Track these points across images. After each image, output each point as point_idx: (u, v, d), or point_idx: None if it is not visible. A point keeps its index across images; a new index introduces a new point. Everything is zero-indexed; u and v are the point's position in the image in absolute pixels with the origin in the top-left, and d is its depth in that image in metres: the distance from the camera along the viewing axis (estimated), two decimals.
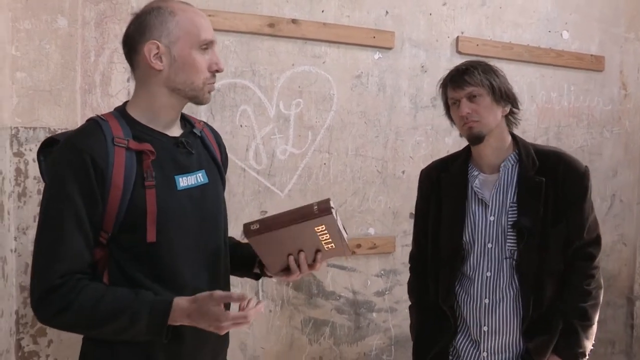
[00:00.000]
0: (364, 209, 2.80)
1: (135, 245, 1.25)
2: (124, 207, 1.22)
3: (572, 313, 1.69)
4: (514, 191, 1.70)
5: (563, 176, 1.68)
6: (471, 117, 1.67)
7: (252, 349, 2.61)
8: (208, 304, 1.20)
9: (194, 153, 1.36)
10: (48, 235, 1.21)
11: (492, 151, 1.74)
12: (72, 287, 1.19)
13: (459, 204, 1.77)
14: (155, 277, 1.27)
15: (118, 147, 1.23)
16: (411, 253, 2.01)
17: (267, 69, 2.56)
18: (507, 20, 3.05)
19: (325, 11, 2.64)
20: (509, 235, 1.69)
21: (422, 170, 1.96)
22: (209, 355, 1.39)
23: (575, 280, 1.70)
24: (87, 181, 1.20)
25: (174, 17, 1.28)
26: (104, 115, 1.31)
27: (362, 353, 2.87)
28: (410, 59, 2.84)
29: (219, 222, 1.41)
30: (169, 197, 1.28)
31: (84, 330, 1.28)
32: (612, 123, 3.40)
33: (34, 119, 2.13)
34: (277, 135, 2.60)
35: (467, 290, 1.75)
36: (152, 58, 1.27)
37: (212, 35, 1.32)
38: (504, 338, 1.72)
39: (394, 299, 2.91)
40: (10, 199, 2.10)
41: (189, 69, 1.28)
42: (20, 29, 2.10)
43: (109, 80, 2.31)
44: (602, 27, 3.32)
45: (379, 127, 2.80)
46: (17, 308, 2.14)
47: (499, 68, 1.75)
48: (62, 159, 1.23)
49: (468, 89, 1.68)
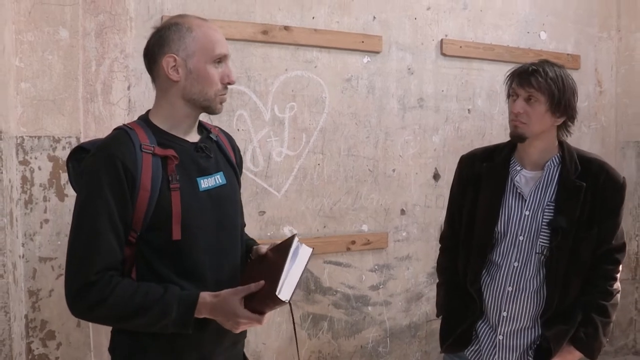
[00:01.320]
0: (357, 206, 2.90)
1: (161, 243, 1.34)
2: (151, 208, 1.32)
3: (594, 308, 1.74)
4: (553, 191, 1.74)
5: (603, 184, 1.72)
6: (521, 117, 1.70)
7: (253, 345, 2.69)
8: (229, 299, 1.31)
9: (212, 157, 1.46)
10: (83, 235, 1.30)
11: (536, 151, 1.78)
12: (107, 283, 1.28)
13: (497, 194, 1.80)
14: (180, 272, 1.36)
15: (145, 154, 1.33)
16: (442, 234, 2.05)
17: (261, 75, 2.64)
18: (488, 22, 3.18)
19: (315, 18, 2.73)
20: (542, 231, 1.74)
21: (462, 156, 1.98)
22: (229, 342, 1.48)
23: (599, 281, 1.76)
24: (118, 184, 1.29)
25: (191, 33, 1.37)
26: (130, 125, 1.40)
27: (359, 346, 2.96)
28: (398, 62, 2.94)
29: (236, 220, 1.50)
30: (192, 198, 1.37)
31: (116, 322, 1.37)
32: (589, 118, 3.55)
33: (39, 127, 2.18)
34: (272, 138, 2.68)
35: (493, 276, 1.81)
36: (169, 70, 1.37)
37: (226, 49, 1.41)
38: (521, 324, 1.79)
39: (388, 292, 3.01)
40: (17, 206, 2.15)
41: (203, 81, 1.38)
42: (23, 41, 2.16)
43: (109, 88, 2.37)
44: (577, 28, 3.47)
45: (369, 128, 2.90)
46: (27, 312, 2.20)
47: (571, 78, 1.74)
48: (97, 164, 1.32)
49: (529, 90, 1.69)
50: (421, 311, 3.11)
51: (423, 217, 3.07)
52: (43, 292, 2.20)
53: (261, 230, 2.67)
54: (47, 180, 2.19)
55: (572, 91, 1.73)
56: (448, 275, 1.96)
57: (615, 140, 3.64)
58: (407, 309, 3.08)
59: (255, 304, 1.32)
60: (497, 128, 3.20)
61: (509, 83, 1.79)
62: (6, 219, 2.03)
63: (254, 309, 1.32)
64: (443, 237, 2.05)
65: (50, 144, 2.20)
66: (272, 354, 2.76)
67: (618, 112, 3.64)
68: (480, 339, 1.84)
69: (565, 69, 1.75)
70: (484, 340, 1.84)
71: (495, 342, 1.81)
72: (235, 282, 1.43)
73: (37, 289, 2.20)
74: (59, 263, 2.19)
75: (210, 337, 1.41)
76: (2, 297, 2.03)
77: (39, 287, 2.20)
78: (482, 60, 3.15)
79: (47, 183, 2.19)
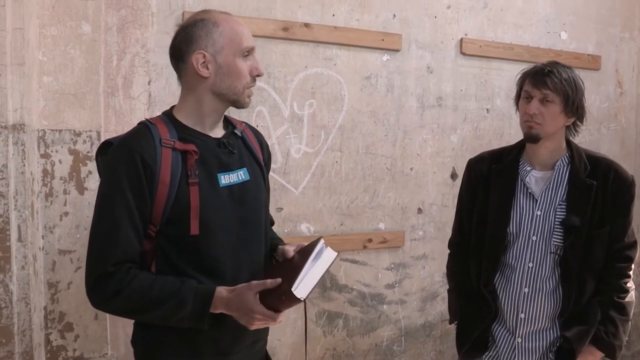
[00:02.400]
0: (374, 205, 2.89)
1: (180, 237, 1.34)
2: (170, 202, 1.32)
3: (611, 306, 1.75)
4: (564, 190, 1.75)
5: (613, 183, 1.73)
6: (536, 118, 1.71)
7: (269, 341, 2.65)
8: (245, 294, 1.30)
9: (235, 152, 1.45)
10: (102, 226, 1.31)
11: (546, 151, 1.79)
12: (125, 275, 1.29)
13: (507, 195, 1.81)
14: (199, 267, 1.36)
15: (165, 148, 1.33)
16: (451, 240, 2.06)
17: (281, 71, 2.64)
18: (508, 22, 3.15)
19: (335, 15, 2.72)
20: (556, 231, 1.74)
21: (470, 160, 1.99)
22: (249, 340, 1.48)
23: (613, 279, 1.77)
24: (137, 178, 1.30)
25: (218, 28, 1.38)
26: (152, 119, 1.41)
27: (373, 344, 2.96)
28: (417, 60, 2.93)
29: (259, 217, 1.49)
30: (211, 193, 1.37)
31: (132, 314, 1.38)
32: (608, 120, 3.51)
33: (60, 121, 2.20)
34: (291, 135, 2.68)
35: (507, 277, 1.81)
36: (199, 66, 1.37)
37: (253, 42, 1.42)
38: (539, 325, 1.78)
39: (403, 291, 3.01)
40: (38, 198, 2.17)
41: (233, 75, 1.38)
42: (47, 35, 2.17)
43: (130, 83, 2.38)
44: (598, 28, 3.43)
45: (387, 126, 2.89)
46: (46, 304, 2.22)
47: (581, 79, 1.77)
48: (116, 158, 1.34)
49: (545, 91, 1.70)
50: (436, 311, 3.09)
51: (440, 217, 3.05)
52: (62, 284, 2.22)
53: (278, 227, 2.65)
54: (67, 173, 2.20)
55: (583, 92, 1.77)
56: (458, 280, 1.97)
57: (635, 142, 3.60)
58: (423, 308, 3.07)
59: (271, 301, 1.31)
60: (515, 128, 3.16)
61: (521, 83, 1.80)
62: (27, 211, 2.05)
63: (269, 305, 1.31)
64: (452, 242, 2.05)
65: (71, 137, 2.21)
66: (286, 351, 2.77)
67: (639, 113, 3.60)
68: (497, 343, 1.84)
69: (574, 70, 1.77)
70: (502, 345, 1.83)
71: (514, 345, 1.80)
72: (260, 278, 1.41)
73: (56, 281, 2.22)
74: (77, 256, 2.21)
75: (229, 334, 1.40)
76: (22, 288, 2.05)
77: (58, 279, 2.22)
78: (501, 59, 3.12)
79: (68, 176, 2.21)
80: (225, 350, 1.42)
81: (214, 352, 1.41)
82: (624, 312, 1.75)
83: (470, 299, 1.89)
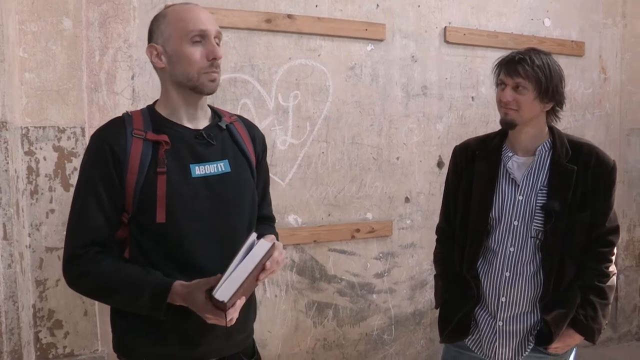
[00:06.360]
0: (361, 194, 2.90)
1: (149, 225, 1.38)
2: (138, 190, 1.37)
3: (591, 290, 1.77)
4: (545, 175, 1.77)
5: (594, 168, 1.74)
6: (510, 105, 1.73)
7: (259, 333, 2.69)
8: (195, 291, 1.30)
9: (215, 144, 1.45)
10: (73, 213, 1.38)
11: (527, 137, 1.80)
12: (91, 258, 1.35)
13: (490, 181, 1.83)
14: (167, 255, 1.39)
15: (136, 138, 1.38)
16: (438, 225, 2.07)
17: (265, 63, 2.63)
18: (492, 9, 3.16)
19: (319, 6, 2.72)
20: (536, 215, 1.76)
21: (455, 147, 2.00)
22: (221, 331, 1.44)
23: (594, 264, 1.78)
24: (105, 167, 1.36)
25: (165, 18, 1.40)
26: (132, 112, 1.44)
27: (364, 333, 2.98)
28: (401, 50, 2.94)
29: (239, 209, 1.48)
30: (181, 183, 1.39)
31: (98, 296, 1.43)
32: (593, 106, 3.54)
33: (43, 118, 2.19)
34: (276, 127, 2.68)
35: (490, 262, 1.83)
36: (154, 59, 1.41)
37: (203, 25, 1.38)
38: (520, 309, 1.80)
39: (392, 280, 3.02)
40: (23, 196, 2.16)
41: (184, 62, 1.38)
42: (27, 31, 2.15)
43: (113, 78, 2.37)
44: (581, 14, 3.44)
45: (373, 116, 2.90)
46: (34, 302, 2.21)
47: (558, 65, 1.76)
48: (88, 149, 1.41)
49: (517, 79, 1.71)
50: (426, 299, 3.12)
51: (427, 205, 3.07)
52: (50, 281, 2.22)
53: None
54: (52, 170, 2.20)
55: (559, 77, 1.75)
56: (444, 266, 1.98)
57: (619, 128, 3.63)
58: (412, 296, 3.09)
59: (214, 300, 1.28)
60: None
61: (497, 72, 1.80)
62: (12, 209, 2.04)
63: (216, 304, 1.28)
64: (439, 228, 2.07)
65: (55, 134, 2.20)
66: (277, 342, 2.78)
67: (622, 99, 3.63)
68: (479, 326, 1.85)
69: (552, 56, 1.77)
70: (484, 328, 1.85)
71: (495, 328, 1.82)
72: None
73: (44, 278, 2.21)
74: None
75: (196, 325, 1.39)
76: (10, 286, 2.05)
77: (45, 276, 2.21)
78: (485, 47, 3.14)
79: (53, 173, 2.20)
80: (192, 339, 1.43)
81: (181, 340, 1.42)
82: (604, 297, 1.78)
83: (454, 283, 1.91)
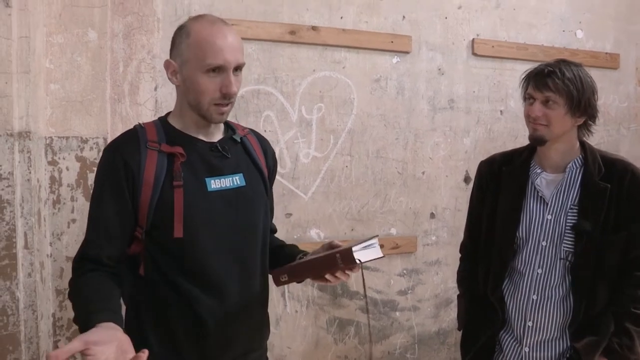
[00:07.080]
0: (385, 209, 2.84)
1: (165, 241, 1.34)
2: (154, 204, 1.33)
3: (627, 317, 1.66)
4: (576, 193, 1.68)
5: (629, 185, 1.65)
6: (540, 120, 1.65)
7: (278, 349, 2.66)
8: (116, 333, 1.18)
9: (230, 157, 1.43)
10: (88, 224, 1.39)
11: (557, 153, 1.72)
12: (82, 272, 1.34)
13: (517, 199, 1.75)
14: (184, 271, 1.36)
15: (150, 150, 1.34)
16: (462, 243, 2.01)
17: (289, 75, 2.61)
18: (521, 21, 3.09)
19: (344, 18, 2.69)
20: (566, 236, 1.67)
21: (481, 162, 1.93)
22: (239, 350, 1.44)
23: (630, 289, 1.67)
24: (117, 181, 1.32)
25: (188, 39, 1.34)
26: (145, 123, 1.42)
27: (386, 352, 2.91)
28: (427, 62, 2.89)
29: (254, 223, 1.46)
30: (198, 197, 1.36)
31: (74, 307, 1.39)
32: (628, 120, 3.42)
33: (67, 128, 2.20)
34: (300, 140, 2.66)
35: (516, 284, 1.75)
36: (169, 74, 1.38)
37: (223, 60, 1.31)
38: (548, 335, 1.72)
39: (416, 297, 2.95)
40: (45, 206, 2.18)
41: (196, 89, 1.34)
42: (53, 43, 2.18)
43: (137, 89, 2.38)
44: (616, 25, 3.34)
45: (398, 130, 2.85)
46: (54, 311, 2.22)
47: (590, 76, 1.67)
48: (101, 162, 1.39)
49: (546, 93, 1.63)
50: (450, 317, 3.03)
51: (453, 221, 3.00)
52: None
53: (287, 232, 2.64)
54: (74, 180, 2.21)
55: (592, 90, 1.66)
56: (468, 286, 1.92)
57: None
58: (436, 315, 3.01)
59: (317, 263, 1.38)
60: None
61: (525, 86, 1.72)
62: (34, 219, 2.06)
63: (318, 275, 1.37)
64: (463, 246, 2.00)
65: (78, 144, 2.22)
66: (297, 359, 2.73)
67: None
68: (504, 351, 1.78)
69: (583, 67, 1.68)
70: (509, 353, 1.77)
71: (521, 354, 1.74)
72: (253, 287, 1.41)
73: (64, 288, 2.21)
74: None
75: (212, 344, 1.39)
76: (29, 295, 2.05)
77: (65, 286, 2.18)
78: (515, 60, 3.06)
79: (75, 183, 2.21)
80: (209, 357, 1.40)
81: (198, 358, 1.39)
82: None
83: (477, 305, 1.84)
